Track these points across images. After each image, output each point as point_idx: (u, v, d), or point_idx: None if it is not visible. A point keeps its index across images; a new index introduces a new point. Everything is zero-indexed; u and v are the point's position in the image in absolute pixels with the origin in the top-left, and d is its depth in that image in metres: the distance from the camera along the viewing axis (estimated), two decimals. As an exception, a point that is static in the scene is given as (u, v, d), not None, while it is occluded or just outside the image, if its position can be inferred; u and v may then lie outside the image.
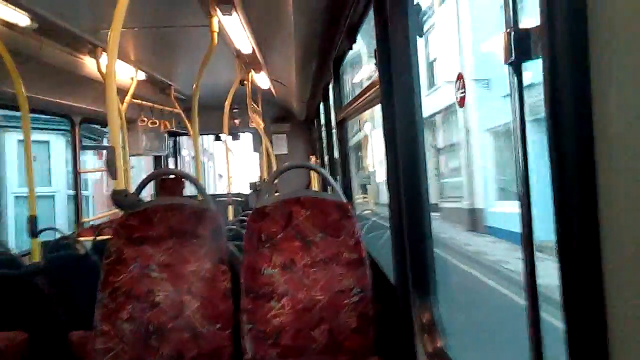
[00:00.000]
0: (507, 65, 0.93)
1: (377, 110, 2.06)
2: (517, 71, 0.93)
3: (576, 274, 0.76)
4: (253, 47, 3.96)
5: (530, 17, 0.89)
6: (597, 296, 0.71)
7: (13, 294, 2.79)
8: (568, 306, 0.78)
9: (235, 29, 3.42)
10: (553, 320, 0.98)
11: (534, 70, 0.88)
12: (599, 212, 0.71)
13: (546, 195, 0.80)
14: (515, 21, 0.92)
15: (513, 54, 0.91)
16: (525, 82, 0.96)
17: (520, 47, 0.90)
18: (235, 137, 8.90)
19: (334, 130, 4.31)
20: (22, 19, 2.96)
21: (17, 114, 3.57)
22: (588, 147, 0.71)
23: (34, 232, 3.03)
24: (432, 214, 1.84)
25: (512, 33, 0.91)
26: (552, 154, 0.77)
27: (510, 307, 5.97)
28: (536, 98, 0.91)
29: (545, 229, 0.99)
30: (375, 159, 15.95)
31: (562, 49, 0.73)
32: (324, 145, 5.42)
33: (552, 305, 0.99)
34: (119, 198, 2.14)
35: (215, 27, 3.33)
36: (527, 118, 0.98)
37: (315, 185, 7.28)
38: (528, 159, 0.98)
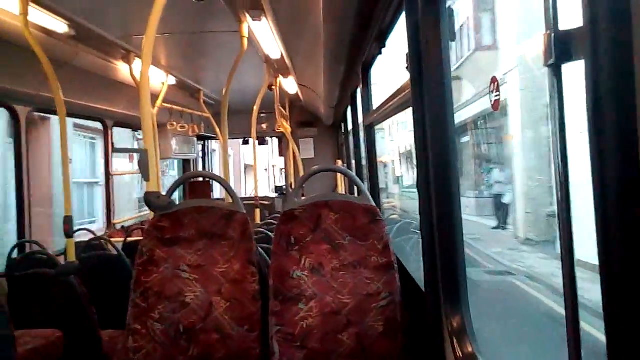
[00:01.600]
0: (547, 68, 0.91)
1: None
2: (557, 73, 0.91)
3: (619, 285, 0.73)
4: (282, 53, 3.99)
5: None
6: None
7: (49, 292, 2.87)
8: (610, 316, 0.75)
9: (264, 34, 3.45)
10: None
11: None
12: None
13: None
14: (556, 22, 0.90)
15: (553, 56, 0.89)
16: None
17: (560, 48, 0.88)
18: (263, 141, 8.99)
19: (361, 135, 4.31)
20: (60, 26, 3.07)
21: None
22: (633, 155, 0.68)
23: (69, 233, 3.10)
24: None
25: (553, 34, 0.89)
26: (594, 161, 0.74)
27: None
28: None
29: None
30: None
31: (605, 50, 0.71)
32: (351, 150, 5.42)
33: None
34: (151, 199, 2.18)
35: (245, 33, 3.37)
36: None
37: (341, 190, 7.27)
38: (568, 166, 0.95)
